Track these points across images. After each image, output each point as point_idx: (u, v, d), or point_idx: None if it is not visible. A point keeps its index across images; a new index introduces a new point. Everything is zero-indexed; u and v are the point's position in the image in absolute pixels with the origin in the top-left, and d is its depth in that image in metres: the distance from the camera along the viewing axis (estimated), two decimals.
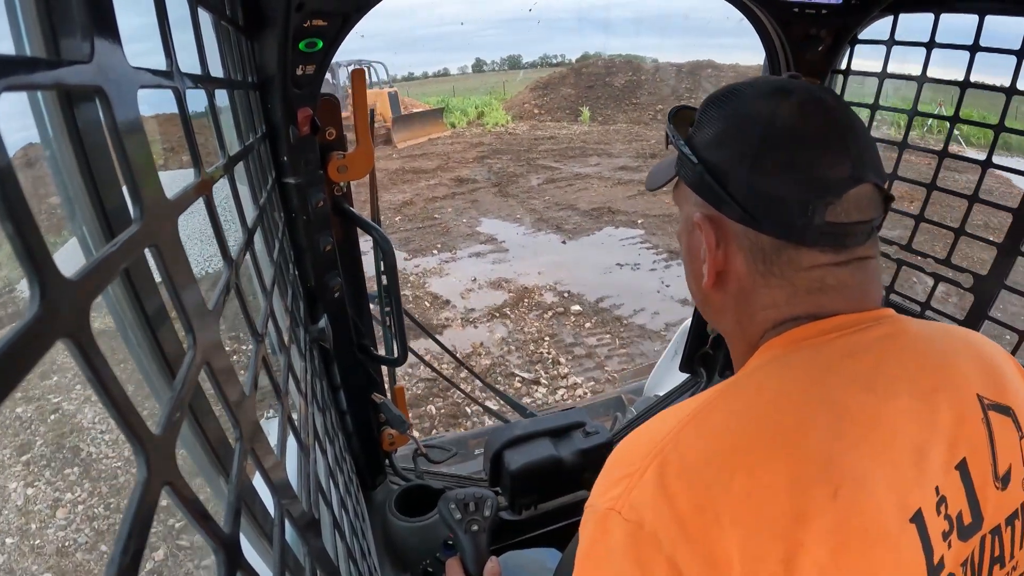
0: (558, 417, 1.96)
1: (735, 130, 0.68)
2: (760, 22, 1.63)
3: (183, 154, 0.55)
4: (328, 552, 0.76)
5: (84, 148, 0.44)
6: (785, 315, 0.68)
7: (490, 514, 1.41)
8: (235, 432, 0.50)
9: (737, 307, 0.73)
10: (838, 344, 0.64)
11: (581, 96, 22.27)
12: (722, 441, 0.58)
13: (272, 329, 0.81)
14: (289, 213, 1.29)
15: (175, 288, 0.41)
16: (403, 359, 1.69)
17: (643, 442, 0.62)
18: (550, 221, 10.04)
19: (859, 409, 0.58)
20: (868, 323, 0.65)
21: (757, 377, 0.65)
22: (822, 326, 0.65)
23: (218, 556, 0.39)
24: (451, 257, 8.49)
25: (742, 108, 0.69)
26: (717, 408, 0.61)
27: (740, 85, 0.72)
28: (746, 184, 0.66)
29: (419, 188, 12.35)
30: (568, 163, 14.47)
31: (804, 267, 0.66)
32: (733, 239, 0.69)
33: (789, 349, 0.65)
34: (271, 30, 1.05)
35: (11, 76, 0.24)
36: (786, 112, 0.65)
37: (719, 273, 0.72)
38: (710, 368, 2.30)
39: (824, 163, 0.64)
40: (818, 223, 0.63)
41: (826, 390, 0.60)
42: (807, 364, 0.63)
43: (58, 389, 4.88)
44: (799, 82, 0.71)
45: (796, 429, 0.56)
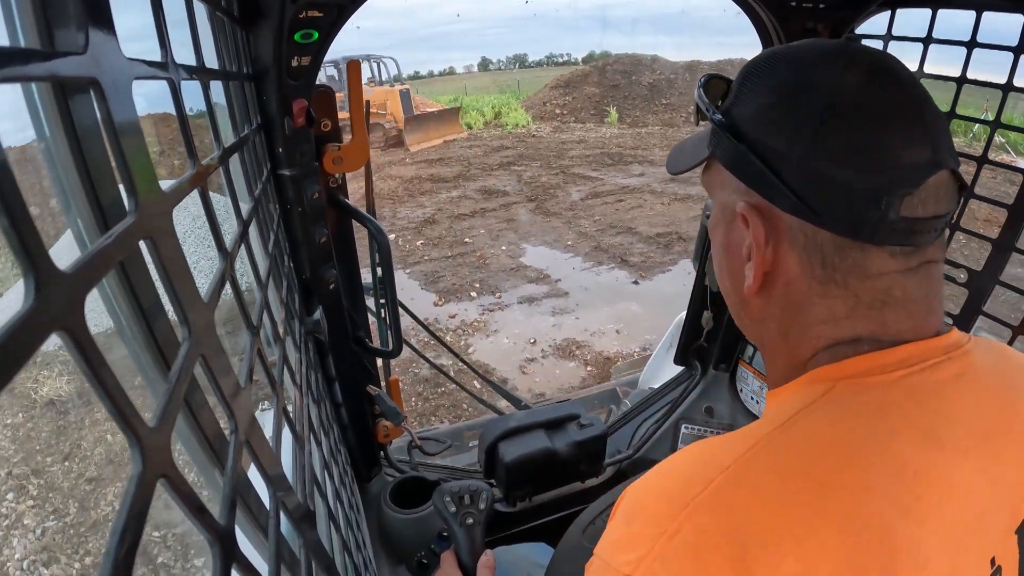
0: (553, 409, 1.96)
1: (789, 103, 0.57)
2: (757, 17, 1.63)
3: (178, 149, 0.55)
4: (323, 544, 0.77)
5: (79, 140, 0.44)
6: (844, 334, 0.58)
7: (485, 507, 1.40)
8: (230, 424, 0.51)
9: (784, 316, 0.62)
10: (904, 385, 0.54)
11: (606, 96, 20.62)
12: (769, 507, 0.48)
13: (267, 321, 0.81)
14: (284, 205, 1.28)
15: (170, 280, 0.41)
16: (398, 351, 1.69)
17: (671, 491, 0.53)
18: (610, 250, 8.27)
19: (926, 473, 0.50)
20: (937, 357, 0.56)
21: (811, 425, 0.54)
22: (885, 360, 0.56)
23: (214, 549, 0.39)
24: (496, 303, 6.72)
25: (796, 76, 0.57)
26: (763, 461, 0.51)
27: (787, 49, 0.61)
28: (803, 169, 0.55)
29: (440, 201, 10.85)
30: (608, 172, 12.87)
31: (871, 274, 0.56)
32: (785, 235, 0.58)
33: (848, 388, 0.55)
34: (266, 21, 1.05)
35: (5, 68, 0.24)
36: (854, 81, 0.55)
37: (765, 274, 0.61)
38: (704, 361, 2.31)
39: (901, 145, 0.53)
40: (892, 218, 0.53)
41: (892, 449, 0.50)
42: (870, 413, 0.53)
43: None
44: (861, 46, 0.60)
45: (858, 499, 0.48)
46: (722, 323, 2.17)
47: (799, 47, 0.61)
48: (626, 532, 0.53)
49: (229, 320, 1.86)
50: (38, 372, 4.80)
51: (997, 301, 1.58)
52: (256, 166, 1.06)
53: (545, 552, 1.66)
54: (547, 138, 17.30)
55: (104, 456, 4.19)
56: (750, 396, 2.21)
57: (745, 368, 2.22)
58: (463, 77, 51.82)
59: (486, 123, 20.28)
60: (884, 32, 1.60)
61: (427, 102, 19.76)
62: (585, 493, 2.07)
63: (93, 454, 4.21)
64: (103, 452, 4.23)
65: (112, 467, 4.08)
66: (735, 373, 2.27)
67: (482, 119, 20.48)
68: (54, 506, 3.79)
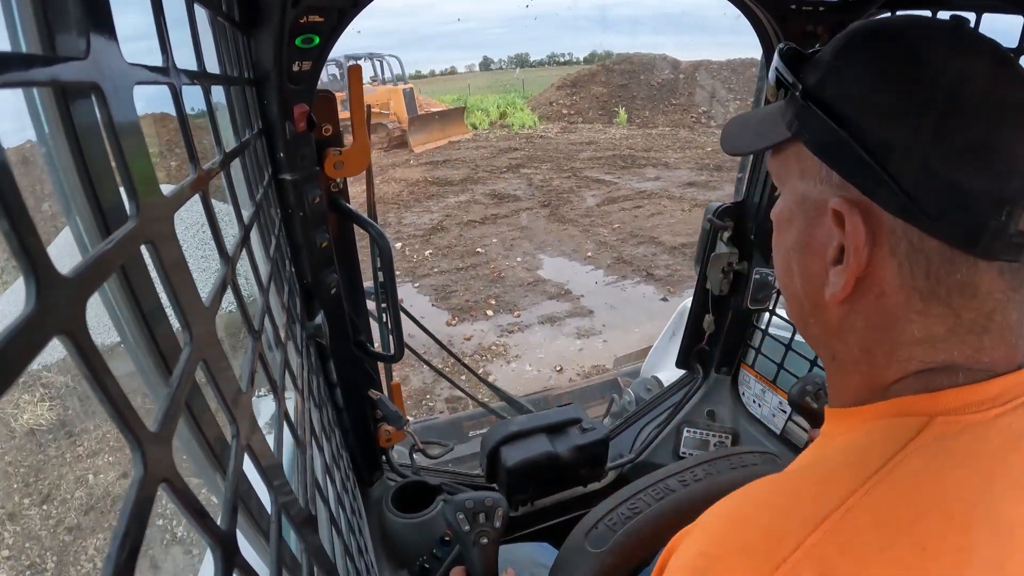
0: (555, 413, 1.96)
1: (904, 86, 0.49)
2: (757, 19, 1.63)
3: (176, 150, 0.55)
4: (325, 549, 0.76)
5: (80, 145, 0.44)
6: (940, 358, 0.52)
7: (501, 524, 1.30)
8: (232, 429, 0.50)
9: (870, 331, 0.55)
10: (1000, 426, 0.49)
11: (614, 96, 20.17)
12: (871, 569, 0.43)
13: (269, 325, 0.81)
14: (286, 209, 1.28)
15: (171, 284, 0.41)
16: (399, 355, 1.69)
17: (754, 546, 0.47)
18: (633, 262, 7.72)
19: (1020, 528, 0.45)
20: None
21: (911, 471, 0.48)
22: (981, 395, 0.50)
23: (215, 553, 0.39)
24: (515, 323, 6.20)
25: (908, 55, 0.50)
26: (863, 516, 0.45)
27: (896, 22, 0.53)
28: (919, 164, 0.48)
29: (448, 206, 10.41)
30: (622, 175, 12.33)
31: (979, 294, 0.50)
32: (886, 239, 0.51)
33: (947, 429, 0.49)
34: (267, 26, 1.05)
35: (6, 73, 0.24)
36: (979, 70, 0.48)
37: (857, 280, 0.53)
38: (706, 365, 2.31)
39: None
40: (1012, 231, 0.47)
41: (991, 502, 0.46)
42: (971, 459, 0.48)
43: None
44: (975, 30, 0.52)
45: (956, 563, 0.44)
46: (724, 326, 2.16)
47: (905, 21, 0.54)
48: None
49: (232, 334, 1.86)
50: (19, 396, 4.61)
51: None
52: (257, 170, 1.06)
53: (548, 552, 1.65)
54: (555, 139, 16.84)
55: (85, 501, 4.01)
56: (752, 400, 2.20)
57: (747, 371, 2.21)
58: (464, 77, 52.04)
59: (491, 123, 19.99)
60: None
61: (431, 102, 19.34)
62: (587, 497, 2.07)
63: (73, 497, 4.04)
64: (83, 496, 4.04)
65: (94, 515, 3.91)
66: (737, 376, 2.27)
67: (487, 119, 20.19)
68: (31, 559, 3.63)
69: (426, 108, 17.34)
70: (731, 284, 2.06)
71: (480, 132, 18.56)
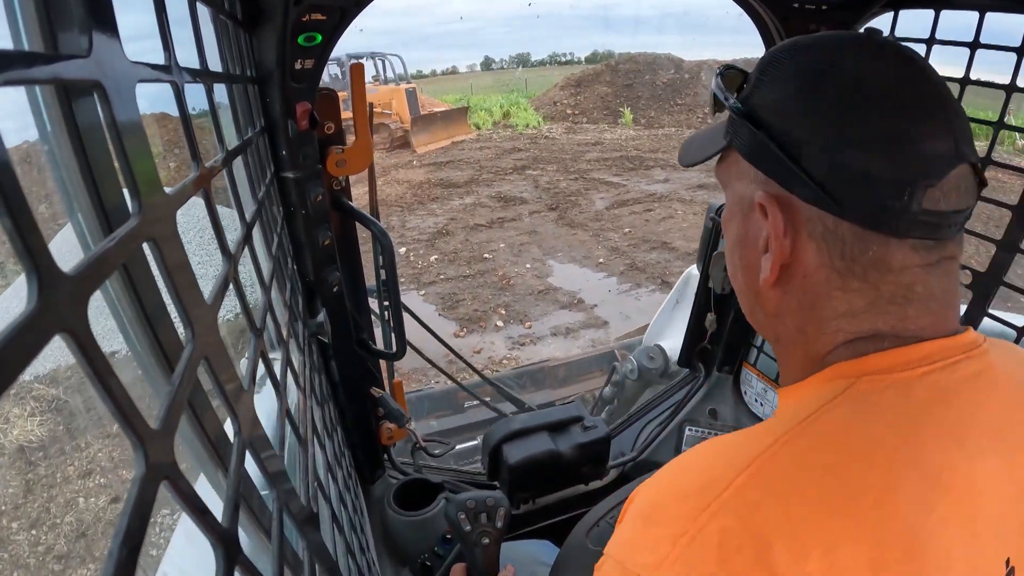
0: (556, 411, 1.96)
1: (812, 90, 0.56)
2: (760, 18, 1.63)
3: (175, 151, 0.55)
4: (327, 546, 0.77)
5: (82, 143, 0.44)
6: (864, 328, 0.57)
7: (503, 524, 1.30)
8: (233, 426, 0.51)
9: (801, 310, 0.61)
10: (927, 383, 0.53)
11: (619, 96, 20.02)
12: (794, 507, 0.47)
13: (271, 323, 0.81)
14: (288, 207, 1.29)
15: (173, 282, 0.41)
16: (401, 353, 1.70)
17: (689, 491, 0.51)
18: (647, 269, 7.53)
19: (950, 473, 0.49)
20: (956, 355, 0.55)
21: (834, 422, 0.53)
22: (908, 356, 0.55)
23: (217, 551, 0.39)
24: (526, 335, 5.97)
25: (820, 64, 0.56)
26: (786, 460, 0.50)
27: (810, 38, 0.60)
28: (826, 157, 0.54)
29: (453, 209, 10.23)
30: (630, 178, 12.18)
31: (893, 268, 0.55)
32: (804, 225, 0.57)
33: (871, 385, 0.54)
34: (270, 24, 1.05)
35: (9, 71, 0.24)
36: (880, 71, 0.54)
37: (783, 266, 0.60)
38: (708, 364, 2.31)
39: (926, 135, 0.52)
40: (915, 209, 0.52)
41: (916, 447, 0.50)
42: (894, 410, 0.52)
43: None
44: (884, 36, 0.59)
45: (881, 500, 0.47)
46: (726, 325, 2.16)
47: (822, 36, 0.60)
48: (642, 533, 0.52)
49: (235, 339, 1.85)
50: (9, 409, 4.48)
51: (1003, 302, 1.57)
52: (259, 169, 1.06)
53: (549, 549, 1.66)
54: (560, 139, 16.69)
55: (74, 528, 3.88)
56: (754, 398, 2.20)
57: (749, 370, 2.21)
58: (466, 76, 52.05)
59: (495, 123, 19.75)
60: (887, 33, 1.60)
61: (434, 101, 19.19)
62: (589, 495, 2.07)
63: (63, 523, 3.91)
64: (74, 522, 3.92)
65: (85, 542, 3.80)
66: (739, 375, 2.27)
67: (490, 119, 19.95)
68: None
69: (429, 108, 17.14)
70: None
71: (483, 132, 18.35)
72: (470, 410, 3.48)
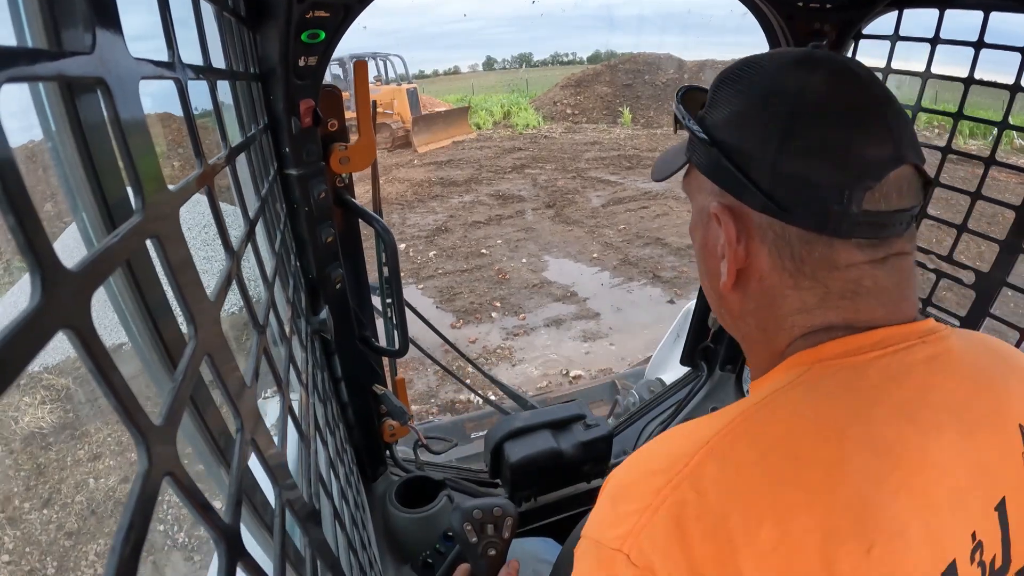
0: (558, 410, 1.97)
1: (757, 107, 0.60)
2: (765, 18, 1.63)
3: (181, 150, 0.55)
4: (328, 543, 0.77)
5: (86, 139, 0.44)
6: (817, 322, 0.60)
7: (509, 535, 1.26)
8: (236, 423, 0.51)
9: (760, 310, 0.65)
10: (879, 365, 0.56)
11: (618, 95, 20.14)
12: (748, 480, 0.50)
13: (273, 320, 0.81)
14: (291, 204, 1.29)
15: (176, 279, 0.41)
16: (404, 350, 1.70)
17: (654, 469, 0.55)
18: (639, 264, 7.77)
19: (902, 447, 0.51)
20: (911, 340, 0.58)
21: (788, 402, 0.56)
22: (860, 341, 0.58)
23: (219, 546, 0.39)
24: (520, 326, 6.20)
25: (764, 82, 0.60)
26: (741, 436, 0.53)
27: (757, 57, 0.64)
28: (771, 168, 0.58)
29: (453, 207, 10.45)
30: (627, 176, 12.34)
31: (840, 266, 0.58)
32: (756, 232, 0.61)
33: (824, 369, 0.57)
34: (273, 21, 1.05)
35: (12, 68, 0.24)
36: (816, 85, 0.58)
37: (739, 271, 0.64)
38: (711, 362, 2.31)
39: (862, 142, 0.56)
40: (855, 211, 0.55)
41: (866, 424, 0.52)
42: (846, 390, 0.55)
43: None
44: (825, 52, 0.62)
45: (832, 472, 0.50)
46: None
47: (768, 55, 0.64)
48: (612, 511, 0.55)
49: (240, 334, 1.85)
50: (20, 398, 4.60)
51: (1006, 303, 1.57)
52: (263, 166, 1.06)
53: (551, 547, 1.66)
54: (560, 139, 16.80)
55: (86, 505, 4.02)
56: None
57: None
58: (468, 76, 52.07)
59: (495, 123, 19.86)
60: (891, 32, 1.59)
61: (435, 101, 19.39)
62: (590, 493, 2.07)
63: (74, 502, 4.04)
64: (84, 500, 4.05)
65: (95, 519, 3.92)
66: (741, 374, 2.27)
67: (491, 119, 20.06)
68: (31, 564, 3.65)
69: (430, 108, 17.29)
70: None
71: (484, 132, 18.52)
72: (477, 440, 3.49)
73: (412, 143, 15.12)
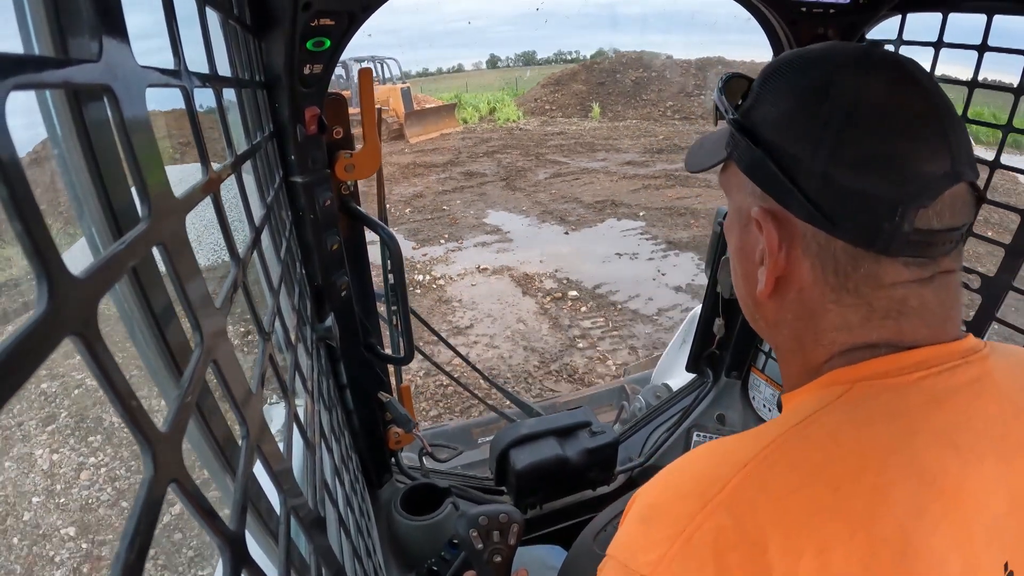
0: (564, 416, 1.96)
1: (809, 108, 0.56)
2: (767, 21, 1.63)
3: (191, 151, 0.55)
4: (333, 550, 0.77)
5: (92, 147, 0.44)
6: (859, 341, 0.58)
7: (515, 542, 1.27)
8: (241, 430, 0.51)
9: (797, 322, 0.62)
10: (922, 387, 0.54)
11: (592, 92, 22.18)
12: (788, 508, 0.48)
13: (279, 327, 0.81)
14: (296, 212, 1.29)
15: (182, 286, 0.41)
16: (409, 358, 1.70)
17: (687, 492, 0.52)
18: (555, 213, 10.17)
19: (943, 476, 0.49)
20: (954, 361, 0.55)
21: (828, 425, 0.53)
22: (903, 361, 0.55)
23: (224, 553, 0.39)
24: (457, 247, 8.68)
25: (817, 81, 0.56)
26: (780, 461, 0.51)
27: (810, 51, 0.60)
28: (821, 176, 0.54)
29: (429, 182, 12.63)
30: (576, 158, 14.52)
31: (885, 284, 0.55)
32: (799, 241, 0.58)
33: (865, 389, 0.55)
34: (278, 29, 1.05)
35: (20, 75, 0.24)
36: (875, 89, 0.54)
37: (778, 279, 0.61)
38: (716, 369, 2.30)
39: (921, 156, 0.52)
40: (906, 230, 0.52)
41: (910, 450, 0.50)
42: (887, 413, 0.52)
43: (81, 367, 4.84)
44: (885, 51, 0.58)
45: (874, 502, 0.47)
46: (734, 330, 2.16)
47: (821, 50, 0.60)
48: (642, 533, 0.53)
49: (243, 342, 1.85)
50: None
51: (1010, 308, 1.57)
52: (268, 173, 1.07)
53: (556, 554, 1.65)
54: (533, 131, 18.87)
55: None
56: (762, 404, 2.19)
57: (757, 376, 2.20)
58: (472, 74, 52.25)
59: (481, 118, 21.68)
60: (895, 36, 1.59)
61: (428, 98, 21.21)
62: (596, 500, 2.07)
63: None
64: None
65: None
66: (747, 381, 2.26)
67: (477, 114, 21.91)
68: None
69: (422, 104, 19.23)
70: None
71: (470, 126, 20.42)
72: (484, 445, 3.48)
73: (405, 135, 17.11)
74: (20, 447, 4.37)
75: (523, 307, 6.63)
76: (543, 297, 6.84)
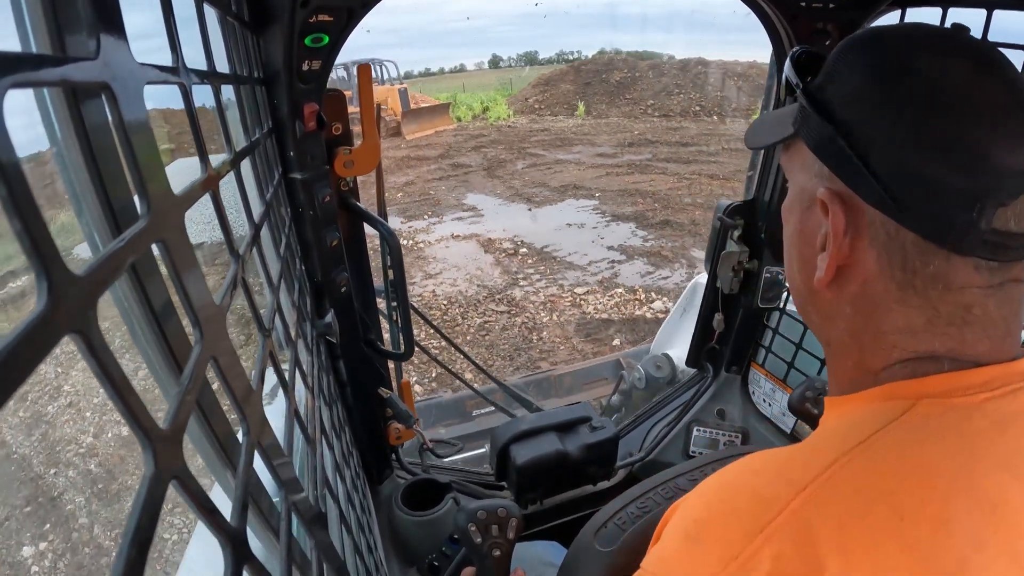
0: (564, 412, 1.96)
1: (887, 86, 0.52)
2: (767, 17, 1.62)
3: (190, 147, 0.55)
4: (335, 546, 0.77)
5: (91, 144, 0.44)
6: (922, 348, 0.54)
7: (514, 536, 1.26)
8: (242, 426, 0.51)
9: (855, 317, 0.58)
10: (986, 411, 0.50)
11: (578, 92, 23.52)
12: (851, 535, 0.46)
13: (279, 324, 0.81)
14: (296, 208, 1.29)
15: (182, 283, 0.41)
16: (409, 353, 1.70)
17: (739, 510, 0.50)
18: (523, 195, 12.06)
19: (1004, 506, 0.47)
20: (1016, 383, 0.52)
21: (893, 447, 0.50)
22: (969, 380, 0.52)
23: (225, 550, 0.39)
24: (438, 221, 10.61)
25: (896, 60, 0.52)
26: (843, 485, 0.48)
27: (888, 29, 0.56)
28: (896, 158, 0.50)
29: (421, 172, 14.36)
30: (554, 151, 16.18)
31: (953, 287, 0.51)
32: (866, 229, 0.54)
33: (930, 408, 0.51)
34: (277, 25, 1.05)
35: (17, 73, 0.24)
36: (958, 72, 0.50)
37: (840, 268, 0.57)
38: (716, 364, 2.30)
39: (1003, 148, 0.48)
40: (983, 227, 0.48)
41: (970, 477, 0.47)
42: (953, 437, 0.49)
43: None
44: (970, 36, 0.54)
45: (937, 532, 0.45)
46: (734, 325, 2.16)
47: (903, 28, 0.56)
48: (687, 551, 0.51)
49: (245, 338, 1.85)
50: None
51: None
52: (267, 170, 1.06)
53: (556, 550, 1.65)
54: (520, 128, 20.39)
55: None
56: (762, 399, 2.19)
57: (757, 371, 2.20)
58: (473, 74, 52.17)
59: (474, 116, 23.22)
60: None
61: (424, 98, 22.27)
62: (596, 496, 2.07)
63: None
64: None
65: None
66: (747, 375, 2.26)
67: (471, 113, 23.40)
68: None
69: (419, 103, 20.36)
70: (741, 283, 2.06)
71: (463, 124, 21.96)
72: (479, 418, 3.49)
73: (402, 132, 18.43)
74: None
75: (482, 260, 8.44)
76: (499, 254, 8.63)
